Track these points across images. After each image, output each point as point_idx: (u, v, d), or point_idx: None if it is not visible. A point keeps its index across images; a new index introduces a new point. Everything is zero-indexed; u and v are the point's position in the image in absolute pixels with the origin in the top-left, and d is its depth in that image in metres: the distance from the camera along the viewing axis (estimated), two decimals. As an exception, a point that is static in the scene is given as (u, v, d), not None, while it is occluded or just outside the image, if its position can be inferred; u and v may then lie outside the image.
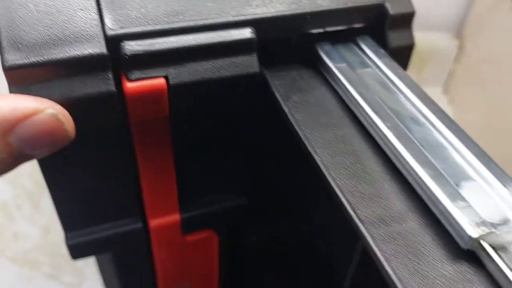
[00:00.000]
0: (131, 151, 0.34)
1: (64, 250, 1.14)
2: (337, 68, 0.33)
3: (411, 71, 0.30)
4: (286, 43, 0.34)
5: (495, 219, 0.24)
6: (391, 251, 0.24)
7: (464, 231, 0.23)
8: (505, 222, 0.24)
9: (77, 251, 0.38)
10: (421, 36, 1.04)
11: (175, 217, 0.39)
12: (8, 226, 1.22)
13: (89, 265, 1.16)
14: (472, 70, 0.92)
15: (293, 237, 0.46)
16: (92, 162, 0.34)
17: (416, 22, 0.40)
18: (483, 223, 0.23)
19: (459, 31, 0.94)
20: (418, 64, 0.92)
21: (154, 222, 0.39)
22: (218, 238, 0.44)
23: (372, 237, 0.25)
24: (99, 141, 0.33)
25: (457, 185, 0.26)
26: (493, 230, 0.23)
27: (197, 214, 0.40)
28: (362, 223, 0.25)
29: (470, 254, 0.24)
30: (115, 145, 0.33)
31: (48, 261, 1.17)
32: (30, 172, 1.30)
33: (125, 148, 0.33)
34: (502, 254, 0.23)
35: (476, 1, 0.89)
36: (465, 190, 0.25)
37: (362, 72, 0.33)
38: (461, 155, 0.27)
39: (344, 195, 0.26)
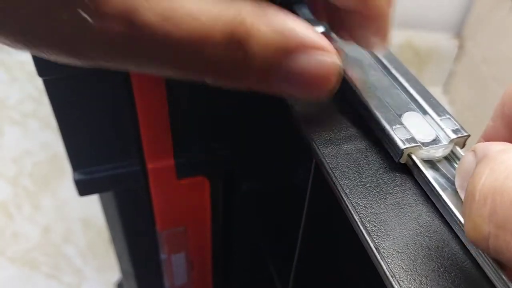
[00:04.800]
0: (131, 97, 0.42)
1: (64, 250, 1.21)
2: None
3: (411, 71, 0.37)
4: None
5: (426, 139, 0.31)
6: (335, 163, 0.31)
7: (396, 145, 0.31)
8: (434, 142, 0.31)
9: (82, 188, 0.45)
10: (421, 36, 1.10)
11: (170, 161, 0.47)
12: (8, 226, 1.29)
13: (89, 265, 1.22)
14: (472, 70, 0.96)
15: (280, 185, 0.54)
16: (98, 106, 0.42)
17: (416, 22, 0.45)
18: (413, 139, 0.31)
19: (459, 31, 0.99)
20: (418, 64, 0.98)
21: (151, 165, 0.47)
22: (210, 184, 0.51)
23: (322, 154, 0.32)
24: (105, 86, 0.41)
25: (398, 114, 0.33)
26: (421, 146, 0.30)
27: (189, 160, 0.48)
28: (314, 143, 0.33)
29: (403, 167, 0.31)
30: (118, 90, 0.41)
31: (48, 261, 1.24)
32: (30, 172, 1.38)
33: (125, 93, 0.41)
34: (429, 166, 0.30)
35: (476, 1, 0.94)
36: (405, 117, 0.33)
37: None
38: (407, 93, 0.35)
39: (304, 125, 0.34)
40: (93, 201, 0.97)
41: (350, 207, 0.27)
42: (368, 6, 0.29)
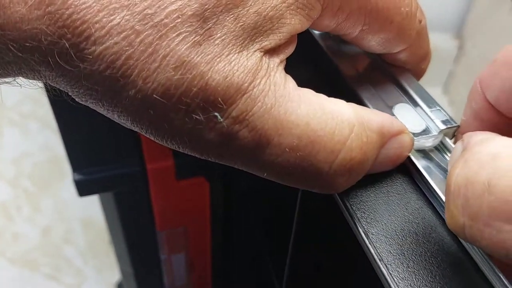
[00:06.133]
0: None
1: (64, 251, 1.21)
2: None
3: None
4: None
5: (416, 129, 0.32)
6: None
7: (387, 136, 0.31)
8: (424, 132, 0.32)
9: (82, 188, 0.46)
10: (421, 36, 1.11)
11: (170, 162, 0.48)
12: (8, 227, 1.30)
13: (89, 266, 1.23)
14: (472, 70, 0.97)
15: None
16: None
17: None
18: (404, 130, 0.31)
19: (459, 31, 1.00)
20: (418, 63, 0.98)
21: (150, 166, 0.48)
22: (209, 185, 0.52)
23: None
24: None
25: (390, 106, 0.34)
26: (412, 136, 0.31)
27: (189, 161, 0.49)
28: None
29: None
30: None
31: (48, 262, 1.25)
32: (30, 173, 1.39)
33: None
34: (418, 156, 0.31)
35: (476, 1, 0.95)
36: (396, 109, 0.34)
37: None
38: (399, 86, 0.35)
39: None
40: (93, 201, 0.98)
41: (340, 195, 0.28)
42: (418, 69, 0.36)
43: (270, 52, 0.25)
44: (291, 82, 0.26)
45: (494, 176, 0.20)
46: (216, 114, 0.23)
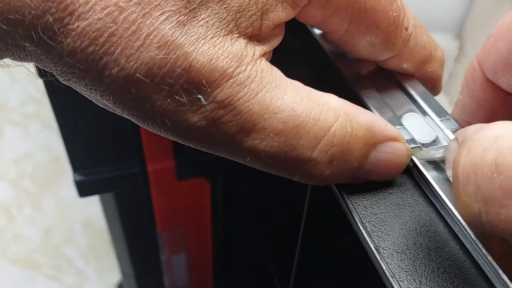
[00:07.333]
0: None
1: (65, 251, 1.21)
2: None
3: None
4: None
5: (426, 140, 0.31)
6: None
7: (395, 145, 0.31)
8: (434, 143, 0.31)
9: (83, 189, 0.46)
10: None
11: (170, 163, 0.47)
12: (9, 227, 1.30)
13: (90, 266, 1.23)
14: (472, 70, 0.96)
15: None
16: (98, 107, 0.42)
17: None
18: (413, 140, 0.31)
19: (459, 32, 0.99)
20: (419, 64, 0.98)
21: (151, 167, 0.47)
22: (210, 185, 0.52)
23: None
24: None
25: (398, 115, 0.33)
26: (421, 147, 0.30)
27: (190, 162, 0.48)
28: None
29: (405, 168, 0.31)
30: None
31: (49, 262, 1.24)
32: (31, 174, 1.38)
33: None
34: (429, 167, 0.30)
35: (476, 2, 0.94)
36: (405, 119, 0.33)
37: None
38: (407, 94, 0.35)
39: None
40: (94, 202, 0.98)
41: (350, 207, 0.27)
42: (425, 73, 0.35)
43: (255, 40, 0.25)
44: (277, 70, 0.26)
45: (500, 155, 0.20)
46: (199, 96, 0.23)
